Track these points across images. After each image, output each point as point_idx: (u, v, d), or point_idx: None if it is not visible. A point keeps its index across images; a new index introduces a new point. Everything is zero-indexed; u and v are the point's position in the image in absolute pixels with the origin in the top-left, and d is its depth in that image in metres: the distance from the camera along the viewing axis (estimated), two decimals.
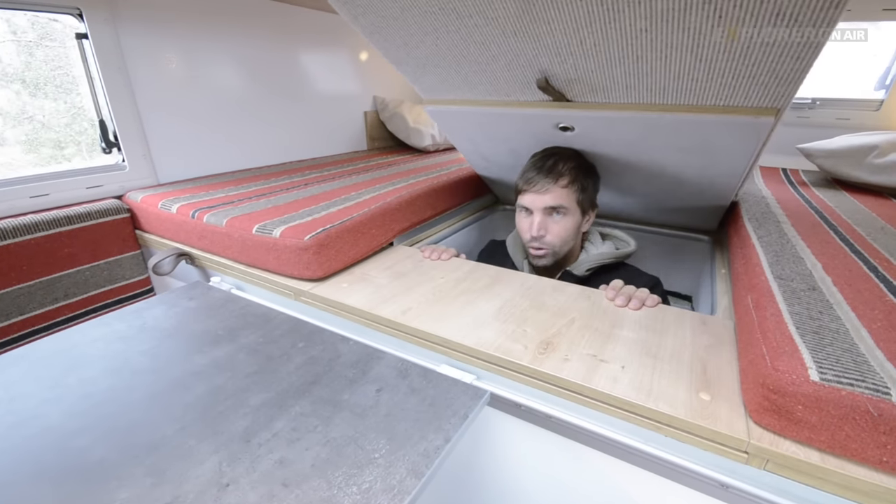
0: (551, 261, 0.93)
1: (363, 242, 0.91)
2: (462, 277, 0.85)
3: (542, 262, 0.93)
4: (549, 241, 0.90)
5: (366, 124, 1.96)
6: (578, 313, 0.71)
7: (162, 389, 0.60)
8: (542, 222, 0.89)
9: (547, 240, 0.90)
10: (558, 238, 0.90)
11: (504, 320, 0.69)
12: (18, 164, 1.10)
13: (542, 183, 0.87)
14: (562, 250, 0.92)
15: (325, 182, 1.25)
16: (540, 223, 0.89)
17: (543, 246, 0.91)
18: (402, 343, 0.71)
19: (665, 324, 0.69)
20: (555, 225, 0.90)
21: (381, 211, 0.97)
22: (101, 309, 1.11)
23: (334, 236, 0.83)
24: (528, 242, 0.93)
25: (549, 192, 0.87)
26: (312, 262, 0.81)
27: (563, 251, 0.92)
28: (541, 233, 0.89)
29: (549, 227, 0.89)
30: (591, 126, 0.86)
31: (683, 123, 0.74)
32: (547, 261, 0.92)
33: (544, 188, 0.87)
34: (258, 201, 1.04)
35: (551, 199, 0.87)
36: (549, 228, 0.89)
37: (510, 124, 0.96)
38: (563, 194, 0.88)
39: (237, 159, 1.48)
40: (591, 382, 0.55)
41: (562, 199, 0.88)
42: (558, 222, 0.89)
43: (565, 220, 0.89)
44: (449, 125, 1.08)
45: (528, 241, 0.92)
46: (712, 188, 0.94)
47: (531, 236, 0.90)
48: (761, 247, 0.72)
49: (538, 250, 0.91)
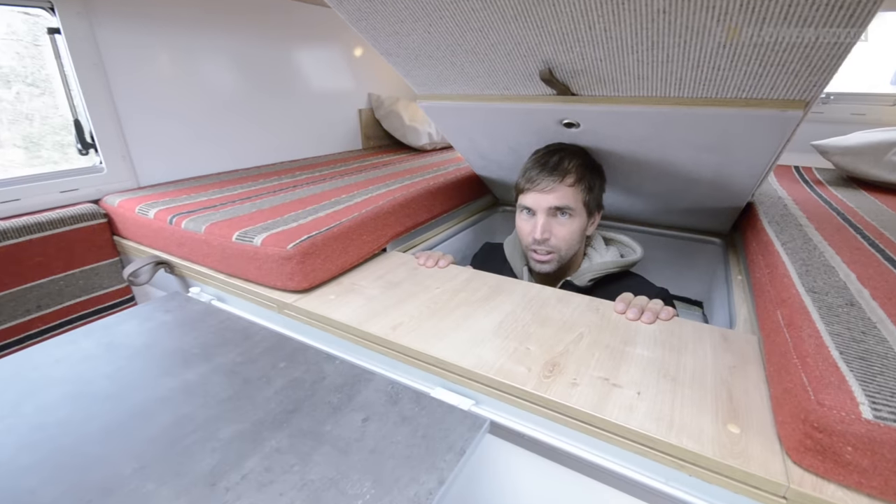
0: (555, 266, 0.86)
1: (353, 250, 0.84)
2: (459, 287, 0.79)
3: (546, 268, 0.86)
4: (553, 244, 0.83)
5: (360, 123, 1.89)
6: (586, 328, 0.65)
7: (123, 419, 0.54)
8: (547, 224, 0.82)
9: (552, 243, 0.83)
10: (564, 242, 0.84)
11: (505, 337, 0.63)
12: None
13: (547, 181, 0.81)
14: (567, 255, 0.86)
15: (316, 184, 1.18)
16: (544, 225, 0.82)
17: (548, 250, 0.84)
18: (392, 362, 0.65)
19: (682, 340, 0.62)
20: (560, 227, 0.83)
21: (372, 215, 0.90)
22: (79, 320, 1.04)
23: (321, 244, 0.77)
24: (529, 246, 0.86)
25: (554, 190, 0.81)
26: (296, 273, 0.74)
27: (567, 256, 0.86)
28: (545, 235, 0.82)
29: (553, 229, 0.83)
30: (598, 122, 0.79)
31: (701, 118, 0.67)
32: (550, 267, 0.86)
33: (549, 187, 0.80)
34: (242, 205, 0.98)
35: (556, 199, 0.81)
36: (553, 231, 0.83)
37: (510, 120, 0.90)
38: (569, 193, 0.81)
39: (225, 160, 1.41)
40: (603, 412, 0.48)
41: (568, 199, 0.81)
42: (564, 224, 0.83)
43: (571, 221, 0.83)
44: (445, 122, 1.02)
45: (529, 244, 0.86)
46: (728, 188, 0.88)
47: (534, 239, 0.83)
48: (787, 254, 0.66)
49: (542, 255, 0.85)
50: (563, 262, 0.86)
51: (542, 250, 0.84)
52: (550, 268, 0.86)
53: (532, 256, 0.87)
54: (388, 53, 0.81)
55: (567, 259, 0.86)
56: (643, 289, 0.87)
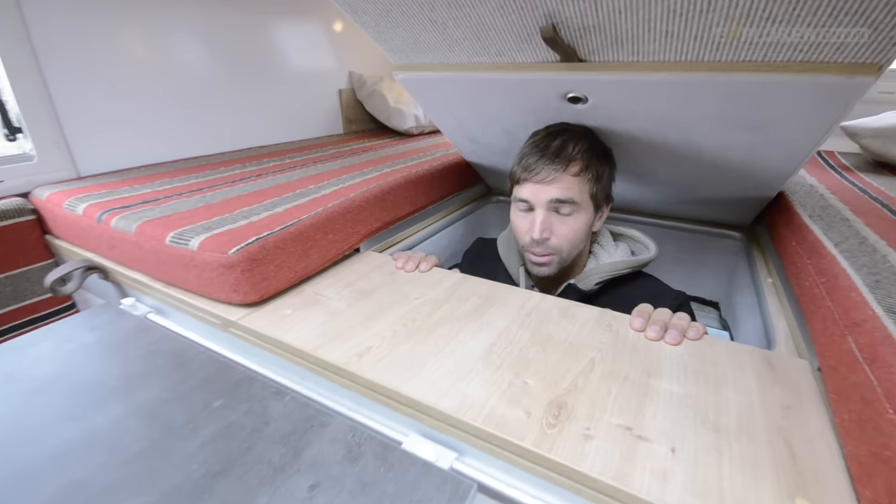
0: (556, 269, 0.73)
1: (316, 252, 0.71)
2: (443, 297, 0.65)
3: (544, 271, 0.73)
4: (554, 244, 0.70)
5: (341, 104, 1.73)
6: (598, 351, 0.52)
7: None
8: (547, 221, 0.69)
9: (552, 243, 0.70)
10: (566, 241, 0.71)
11: (498, 366, 0.50)
12: None
13: (547, 170, 0.67)
14: (569, 256, 0.73)
15: (283, 172, 1.04)
16: (544, 222, 0.69)
17: (548, 251, 0.71)
18: (357, 398, 0.52)
19: (718, 367, 0.50)
20: (562, 225, 0.70)
21: (342, 210, 0.76)
22: (10, 332, 0.90)
23: (273, 247, 0.63)
24: (526, 246, 0.73)
25: (556, 181, 0.67)
26: (242, 283, 0.61)
27: (570, 257, 0.73)
28: (544, 235, 0.69)
29: (554, 226, 0.70)
30: (610, 95, 0.65)
31: (743, 88, 0.54)
32: (550, 270, 0.73)
33: (549, 176, 0.67)
34: (190, 198, 0.83)
35: (558, 191, 0.67)
36: (554, 229, 0.70)
37: (504, 95, 0.76)
38: (574, 184, 0.68)
39: (188, 146, 1.25)
40: (628, 482, 0.36)
41: (572, 191, 0.68)
42: (566, 221, 0.70)
43: (575, 217, 0.70)
44: (427, 99, 0.87)
45: (526, 244, 0.73)
46: (759, 175, 0.75)
47: (532, 239, 0.70)
48: (845, 259, 0.53)
49: (540, 257, 0.72)
50: (565, 263, 0.73)
51: (540, 251, 0.71)
52: (549, 271, 0.73)
53: (529, 258, 0.74)
54: (355, 11, 0.66)
55: (570, 260, 0.74)
56: (658, 293, 0.74)
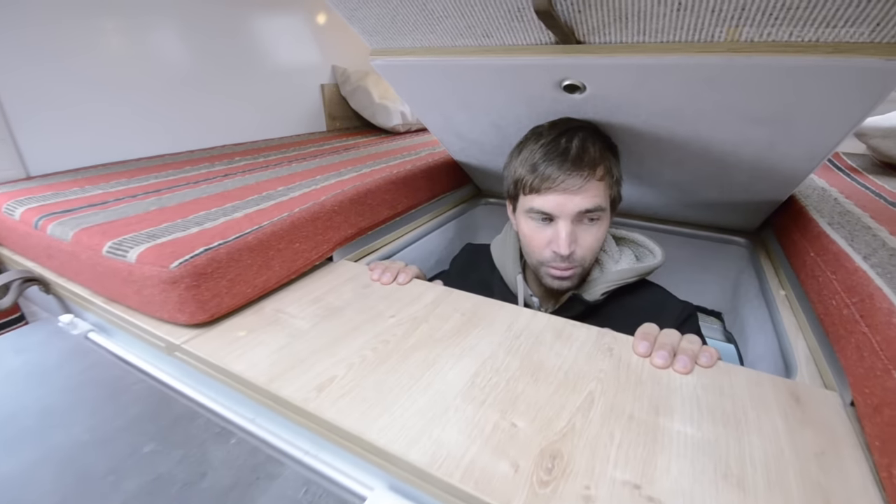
0: (577, 281, 0.66)
1: (279, 263, 0.63)
2: (423, 314, 0.58)
3: (566, 284, 0.65)
4: (579, 256, 0.62)
5: (324, 100, 1.64)
6: (598, 382, 0.45)
7: None
8: (573, 233, 0.61)
9: (577, 255, 0.62)
10: (590, 251, 0.63)
11: (481, 401, 0.42)
12: None
13: (574, 178, 0.58)
14: (589, 267, 0.66)
15: (253, 172, 0.95)
16: (571, 234, 0.60)
17: (572, 265, 0.63)
18: (316, 440, 0.44)
19: (737, 401, 0.43)
20: (586, 234, 0.62)
21: (310, 215, 0.68)
22: None
23: (226, 259, 0.55)
24: (547, 262, 0.64)
25: (584, 190, 0.59)
26: (187, 301, 0.52)
27: (589, 268, 0.66)
28: (573, 248, 0.61)
29: (579, 237, 0.62)
30: (612, 82, 0.58)
31: (764, 73, 0.47)
32: (572, 283, 0.65)
33: (576, 185, 0.58)
34: (143, 201, 0.74)
35: (588, 201, 0.59)
36: (580, 240, 0.62)
37: (492, 83, 0.68)
38: (601, 191, 0.60)
39: (154, 143, 1.16)
40: None
41: (599, 199, 0.60)
42: (590, 231, 0.62)
43: (599, 226, 0.62)
44: (408, 89, 0.79)
45: (547, 259, 0.64)
46: (773, 175, 0.68)
47: (558, 254, 0.62)
48: (878, 275, 0.46)
49: (564, 271, 0.64)
50: (585, 273, 0.66)
51: (565, 266, 0.63)
52: (571, 284, 0.65)
53: (549, 273, 0.65)
54: None
55: (588, 270, 0.67)
56: (664, 305, 0.67)
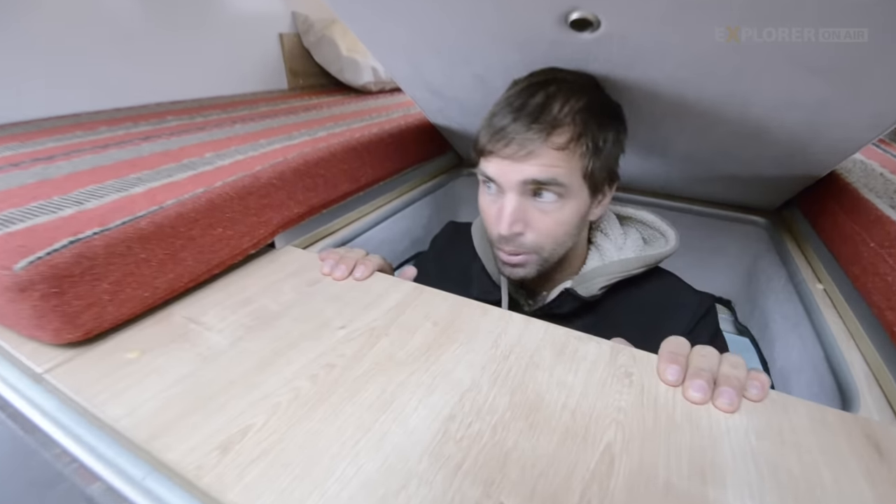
0: (534, 272, 0.53)
1: (192, 255, 0.47)
2: (383, 323, 0.44)
3: (519, 273, 0.52)
4: (531, 241, 0.50)
5: (283, 53, 1.43)
6: (617, 428, 0.33)
7: None
8: (519, 209, 0.48)
9: (527, 240, 0.49)
10: (548, 237, 0.50)
11: (456, 466, 0.30)
12: None
13: (521, 139, 0.45)
14: (553, 255, 0.52)
15: (184, 134, 0.78)
16: (515, 212, 0.47)
17: (521, 249, 0.50)
18: None
19: (803, 454, 0.31)
20: (542, 215, 0.49)
21: (239, 190, 0.53)
22: None
23: (104, 254, 0.40)
24: (495, 242, 0.52)
25: (533, 155, 0.45)
26: (48, 314, 0.37)
27: (555, 256, 0.52)
28: (515, 228, 0.48)
29: (530, 217, 0.49)
30: (639, 14, 0.43)
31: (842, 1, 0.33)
32: (527, 272, 0.52)
33: (524, 149, 0.45)
34: (26, 171, 0.57)
35: (536, 170, 0.46)
36: (531, 220, 0.49)
37: (474, 16, 0.52)
38: (559, 160, 0.46)
39: (75, 99, 0.96)
40: None
41: (555, 170, 0.46)
42: (548, 211, 0.49)
43: (561, 206, 0.48)
44: (368, 30, 0.62)
45: (495, 239, 0.52)
46: (816, 146, 0.55)
47: (499, 234, 0.49)
48: None
49: (512, 256, 0.51)
50: (548, 264, 0.53)
51: (511, 250, 0.50)
52: (526, 273, 0.52)
53: (499, 257, 0.53)
54: None
55: (554, 259, 0.53)
56: (678, 301, 0.56)
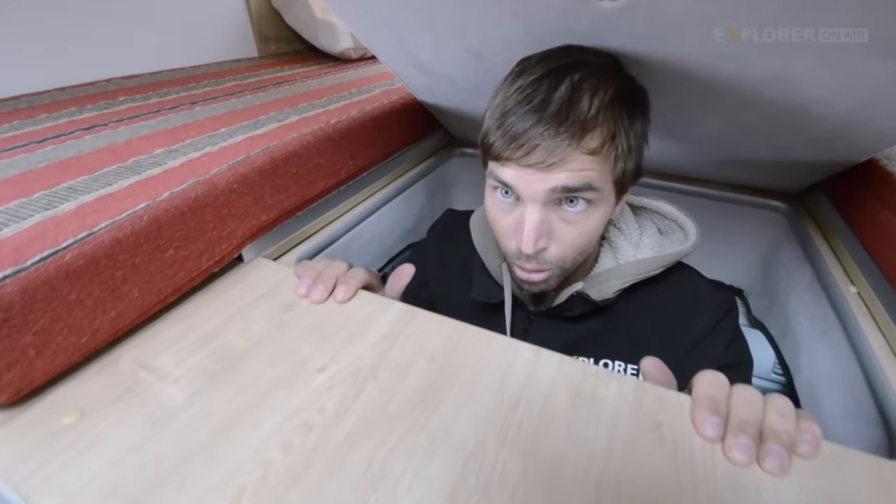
0: (556, 283, 0.46)
1: (138, 286, 0.40)
2: (369, 363, 0.38)
3: (538, 288, 0.46)
4: (553, 255, 0.43)
5: (250, 15, 1.27)
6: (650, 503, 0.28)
7: None
8: (544, 224, 0.40)
9: (550, 255, 0.43)
10: (572, 249, 0.43)
11: None
12: None
13: (548, 145, 0.37)
14: (574, 265, 0.46)
15: (135, 121, 0.67)
16: (540, 227, 0.40)
17: (543, 266, 0.44)
18: None
19: None
20: (567, 227, 0.42)
21: (190, 204, 0.44)
22: None
23: (21, 301, 0.32)
24: (511, 255, 0.45)
25: (564, 163, 0.37)
26: None
27: (575, 265, 0.46)
28: (540, 245, 0.41)
29: (554, 229, 0.41)
30: None
31: None
32: (549, 285, 0.46)
33: (552, 156, 0.37)
34: None
35: (566, 176, 0.38)
36: (554, 232, 0.42)
37: None
38: (593, 163, 0.38)
39: (14, 79, 0.83)
40: None
41: (588, 175, 0.38)
42: (574, 222, 0.41)
43: (589, 214, 0.41)
44: None
45: (511, 252, 0.45)
46: (863, 131, 0.48)
47: (519, 249, 0.42)
48: None
49: (532, 273, 0.44)
50: (568, 273, 0.47)
51: (532, 267, 0.44)
52: (546, 287, 0.46)
53: (514, 272, 0.46)
54: None
55: (575, 268, 0.47)
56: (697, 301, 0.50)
